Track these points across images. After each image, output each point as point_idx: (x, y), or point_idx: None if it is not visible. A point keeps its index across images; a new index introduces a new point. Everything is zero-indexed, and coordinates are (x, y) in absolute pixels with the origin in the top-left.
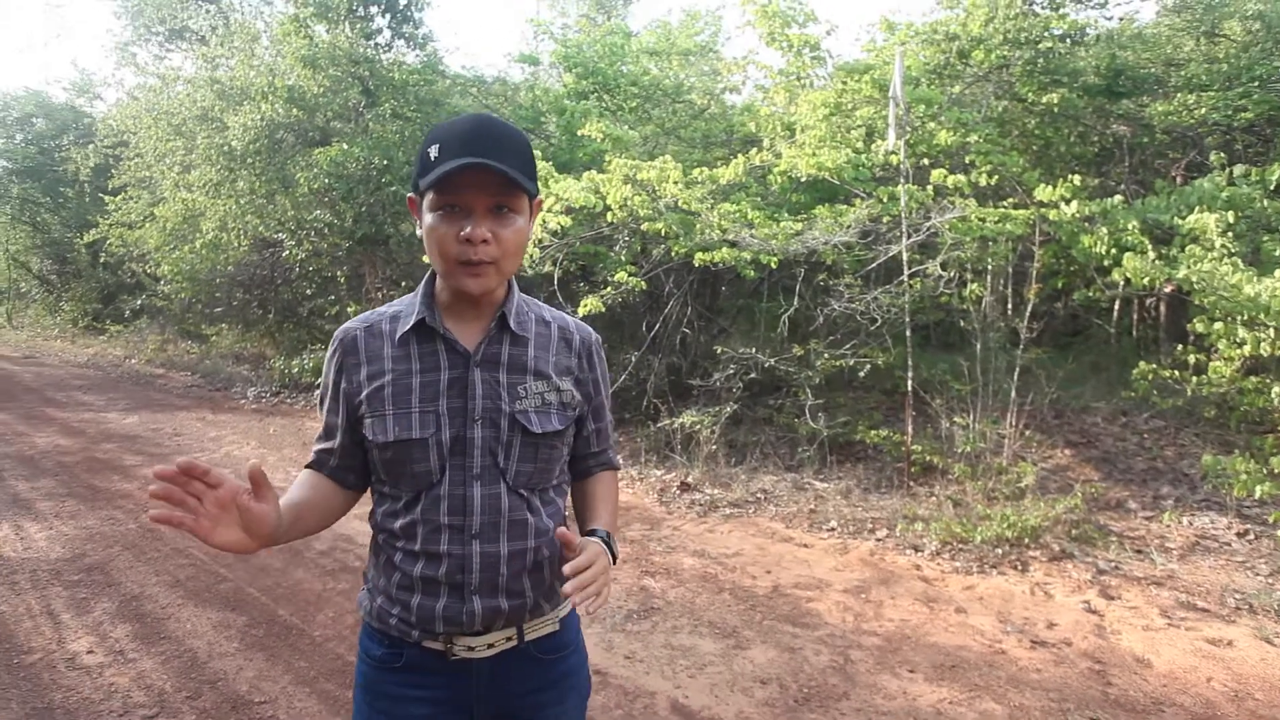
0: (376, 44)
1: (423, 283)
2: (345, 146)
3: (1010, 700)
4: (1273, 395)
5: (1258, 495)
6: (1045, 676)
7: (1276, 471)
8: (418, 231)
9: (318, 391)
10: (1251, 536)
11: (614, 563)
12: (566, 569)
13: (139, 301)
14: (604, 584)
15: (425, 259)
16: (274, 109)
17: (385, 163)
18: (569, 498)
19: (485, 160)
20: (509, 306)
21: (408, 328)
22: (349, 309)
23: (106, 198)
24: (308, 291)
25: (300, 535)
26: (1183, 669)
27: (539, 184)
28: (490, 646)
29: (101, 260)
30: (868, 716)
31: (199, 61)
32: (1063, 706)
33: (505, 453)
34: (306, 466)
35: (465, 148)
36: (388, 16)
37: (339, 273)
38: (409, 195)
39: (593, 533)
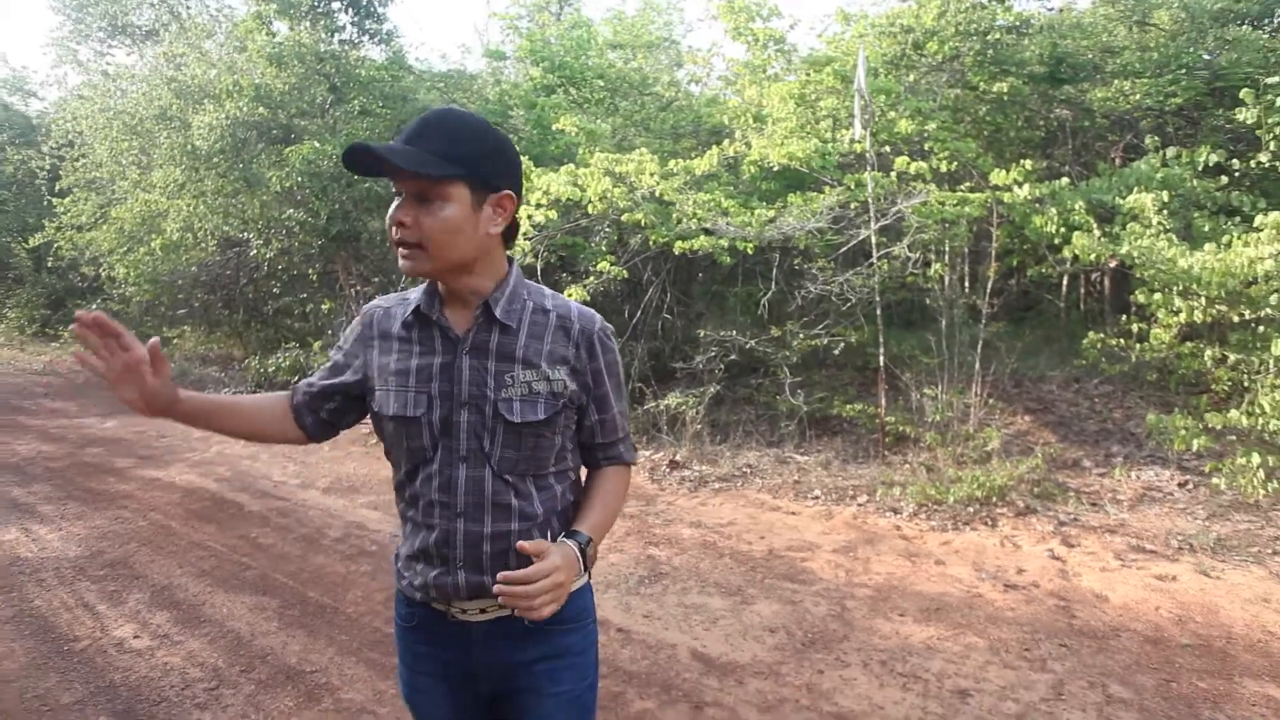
0: (341, 41)
1: None
2: (317, 144)
3: (989, 634)
4: (1206, 358)
5: (1195, 448)
6: (1018, 614)
7: (1210, 426)
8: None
9: None
10: (1191, 486)
11: (585, 569)
12: (499, 576)
13: (94, 306)
14: (552, 596)
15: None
16: (238, 107)
17: None
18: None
19: (401, 145)
20: (497, 295)
21: (409, 313)
22: (323, 305)
23: (54, 200)
24: (275, 290)
25: (216, 429)
26: (1135, 601)
27: (506, 180)
28: (483, 611)
29: (48, 264)
30: (868, 653)
31: (155, 59)
32: (1035, 637)
33: (490, 438)
34: (282, 392)
35: (401, 136)
36: (351, 13)
37: (311, 270)
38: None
39: (573, 534)
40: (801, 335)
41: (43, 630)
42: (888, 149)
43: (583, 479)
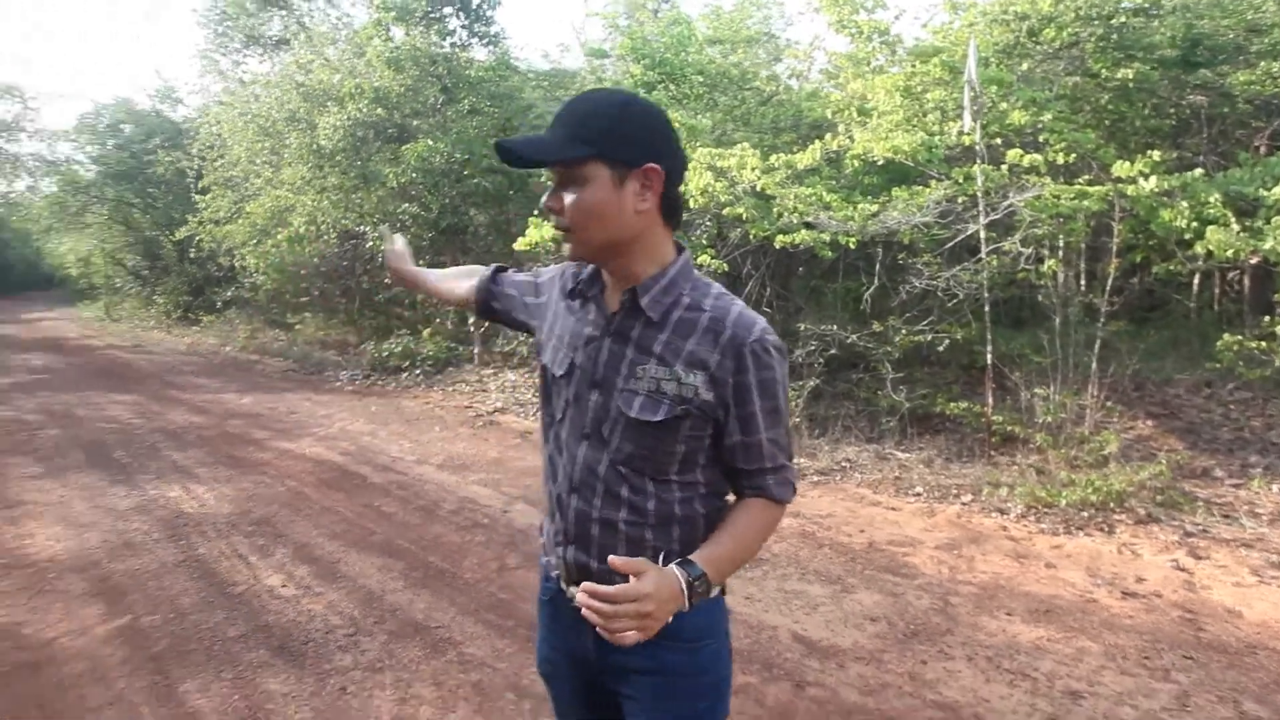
0: (452, 44)
1: None
2: (430, 142)
3: (1105, 640)
4: None
5: None
6: (1137, 622)
7: None
8: None
9: (404, 375)
10: None
11: (688, 604)
12: (582, 586)
13: (228, 293)
14: (637, 624)
15: (517, 245)
16: (358, 108)
17: (466, 157)
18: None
19: (539, 134)
20: (648, 283)
21: (572, 283)
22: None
23: (197, 197)
24: (386, 280)
25: (425, 290)
26: (1275, 619)
27: (650, 153)
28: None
29: (190, 255)
30: (973, 648)
31: (288, 66)
32: (1156, 646)
33: (610, 426)
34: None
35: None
36: (461, 17)
37: (421, 262)
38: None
39: (686, 563)
40: (904, 331)
41: (208, 574)
42: (999, 141)
43: (726, 499)
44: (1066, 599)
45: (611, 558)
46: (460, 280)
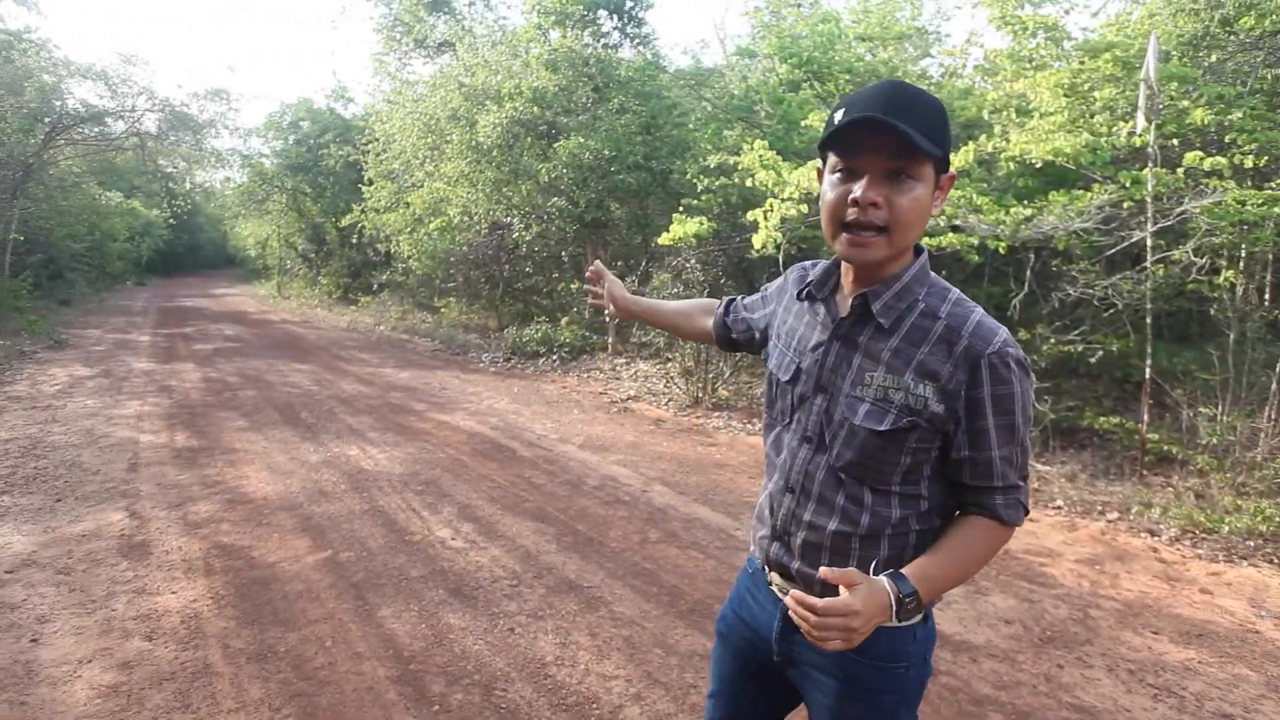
0: (605, 45)
1: None
2: (581, 140)
3: (1267, 671)
4: None
5: None
6: None
7: None
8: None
9: (542, 361)
10: None
11: (897, 618)
12: (792, 594)
13: (383, 276)
14: (842, 636)
15: (662, 240)
16: (515, 107)
17: (613, 154)
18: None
19: (880, 116)
20: (883, 289)
21: (804, 286)
22: (572, 285)
23: (363, 187)
24: (527, 270)
25: (657, 324)
26: None
27: (947, 157)
28: (784, 593)
29: (352, 241)
30: (1114, 660)
31: (453, 68)
32: None
33: (834, 431)
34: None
35: (869, 108)
36: (615, 19)
37: (564, 253)
38: (815, 165)
39: (898, 576)
40: (1052, 340)
41: (389, 523)
42: (1174, 142)
43: (944, 520)
44: (1223, 625)
45: (823, 569)
46: (697, 316)
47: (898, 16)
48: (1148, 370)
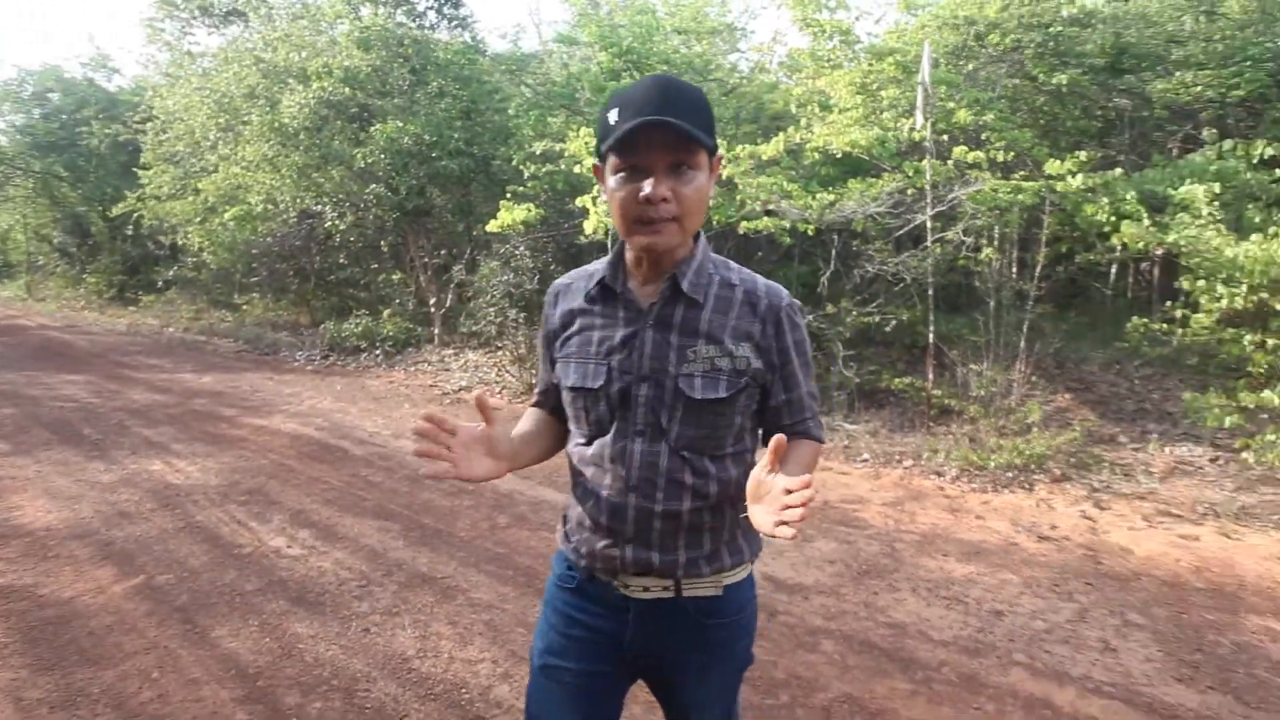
0: (421, 26)
1: (617, 243)
2: (400, 124)
3: (1023, 573)
4: (1246, 343)
5: (1227, 425)
6: (1050, 559)
7: (1244, 406)
8: (603, 197)
9: (364, 356)
10: (1222, 461)
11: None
12: (785, 483)
13: (169, 273)
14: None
15: (489, 227)
16: (323, 88)
17: (434, 139)
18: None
19: (660, 116)
20: (685, 268)
21: (594, 285)
22: (394, 276)
23: (139, 171)
24: (341, 261)
25: (529, 461)
26: (1158, 554)
27: (715, 142)
28: (646, 590)
29: (126, 233)
30: (915, 582)
31: (246, 41)
32: (1063, 576)
33: (668, 414)
34: (531, 405)
35: (643, 108)
36: None
37: (382, 243)
38: (594, 163)
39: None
40: (855, 313)
41: (211, 538)
42: (945, 138)
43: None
44: (992, 543)
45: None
46: (537, 432)
47: (708, 12)
48: (930, 336)
